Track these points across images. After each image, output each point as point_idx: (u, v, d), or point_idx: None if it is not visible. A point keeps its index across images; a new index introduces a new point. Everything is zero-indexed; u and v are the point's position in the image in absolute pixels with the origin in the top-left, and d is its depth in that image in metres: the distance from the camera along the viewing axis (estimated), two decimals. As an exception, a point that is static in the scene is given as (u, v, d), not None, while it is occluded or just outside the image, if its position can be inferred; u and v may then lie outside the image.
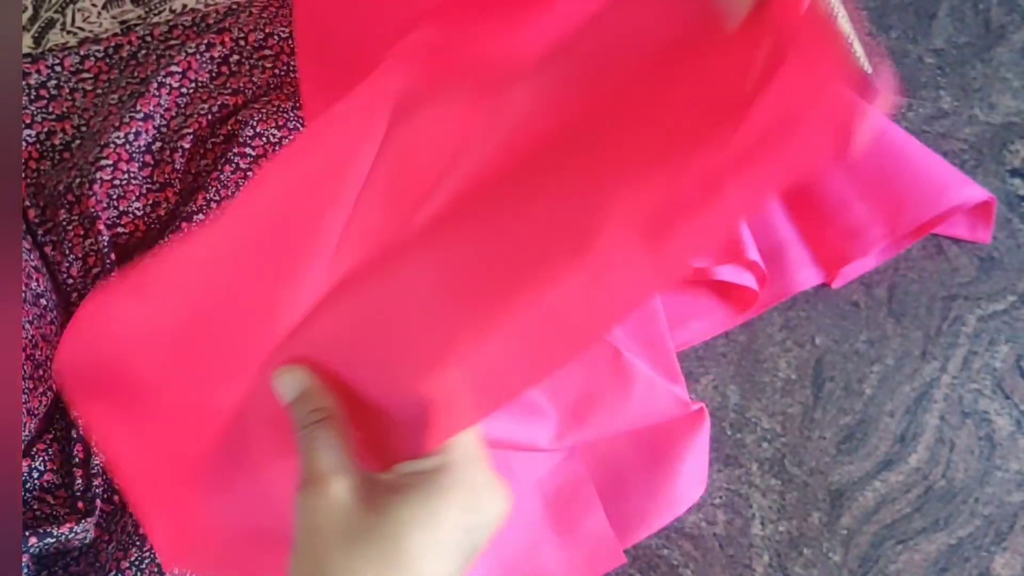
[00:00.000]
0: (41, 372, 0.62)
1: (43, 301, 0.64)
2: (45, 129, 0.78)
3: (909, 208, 0.80)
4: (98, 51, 0.83)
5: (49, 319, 0.65)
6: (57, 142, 0.78)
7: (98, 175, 0.72)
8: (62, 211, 0.72)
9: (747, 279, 0.77)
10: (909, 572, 0.69)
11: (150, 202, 0.74)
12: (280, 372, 0.37)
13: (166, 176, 0.75)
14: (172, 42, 0.83)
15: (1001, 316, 0.80)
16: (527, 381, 0.36)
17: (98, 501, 0.61)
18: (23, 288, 0.62)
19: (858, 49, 0.95)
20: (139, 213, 0.73)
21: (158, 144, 0.76)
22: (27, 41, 0.86)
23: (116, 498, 0.62)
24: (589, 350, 0.71)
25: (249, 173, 0.74)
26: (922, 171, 0.82)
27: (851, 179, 0.83)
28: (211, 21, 0.84)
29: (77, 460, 0.62)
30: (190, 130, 0.76)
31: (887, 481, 0.72)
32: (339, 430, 0.36)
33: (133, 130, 0.75)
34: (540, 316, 0.33)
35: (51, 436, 0.64)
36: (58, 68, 0.82)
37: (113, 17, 0.88)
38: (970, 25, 0.95)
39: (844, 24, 0.96)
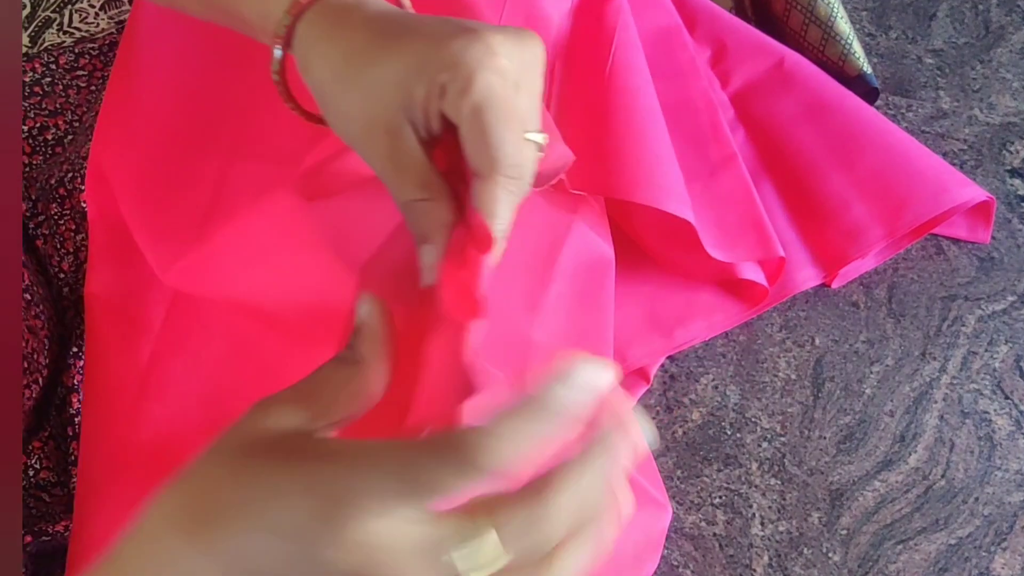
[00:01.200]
0: (28, 365, 0.61)
1: (28, 295, 0.64)
2: (38, 124, 0.78)
3: (909, 208, 0.80)
4: (93, 48, 0.83)
5: (35, 312, 0.64)
6: (50, 137, 0.77)
7: (92, 170, 0.72)
8: (54, 205, 0.71)
9: (759, 276, 0.77)
10: (909, 572, 0.68)
11: (145, 198, 0.73)
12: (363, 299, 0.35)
13: (161, 172, 0.74)
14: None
15: (1001, 316, 0.80)
16: None
17: (75, 502, 0.60)
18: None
19: (857, 49, 0.95)
20: (134, 209, 0.72)
21: (154, 140, 0.75)
22: (23, 40, 0.85)
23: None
24: None
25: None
26: (921, 171, 0.82)
27: (850, 179, 0.82)
28: (208, 17, 0.83)
29: (72, 458, 0.62)
30: (186, 126, 0.75)
31: (887, 481, 0.72)
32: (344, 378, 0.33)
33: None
34: None
35: (46, 433, 0.63)
36: (53, 66, 0.81)
37: (111, 18, 0.87)
38: (969, 25, 0.95)
39: (843, 24, 0.96)
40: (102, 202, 0.64)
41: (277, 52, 0.39)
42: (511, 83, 0.34)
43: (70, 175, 0.72)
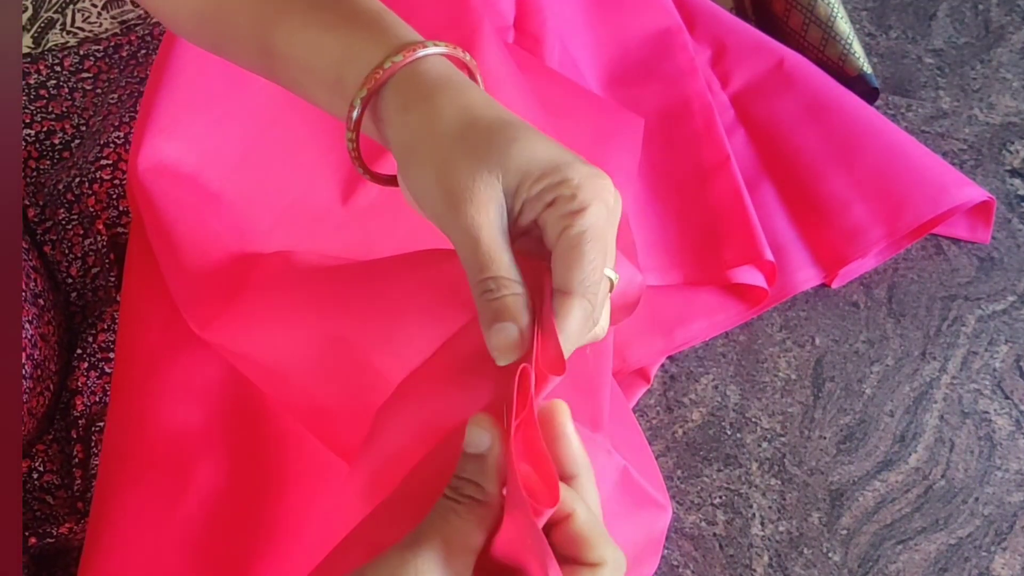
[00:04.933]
0: (40, 372, 0.62)
1: (41, 301, 0.64)
2: (45, 128, 0.78)
3: (909, 208, 0.80)
4: (98, 51, 0.83)
5: (47, 319, 0.64)
6: (57, 141, 0.78)
7: (98, 175, 0.72)
8: (61, 210, 0.72)
9: (759, 279, 0.77)
10: (909, 572, 0.68)
11: (150, 202, 0.73)
12: (478, 421, 0.35)
13: (166, 176, 0.74)
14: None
15: (1001, 316, 0.80)
16: None
17: (92, 503, 0.61)
18: (22, 288, 0.62)
19: (857, 49, 0.95)
20: (139, 213, 0.73)
21: (158, 144, 0.76)
22: (27, 41, 0.86)
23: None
24: None
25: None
26: (922, 171, 0.82)
27: (851, 179, 0.83)
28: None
29: (76, 460, 0.62)
30: (190, 130, 0.76)
31: (887, 481, 0.72)
32: (478, 520, 0.33)
33: (133, 130, 0.75)
34: None
35: (50, 436, 0.64)
36: (58, 68, 0.82)
37: (113, 17, 0.88)
38: (969, 25, 0.95)
39: (843, 24, 0.97)
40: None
41: (356, 111, 0.38)
42: (610, 221, 0.36)
43: (78, 180, 0.72)
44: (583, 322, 0.35)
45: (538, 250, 0.37)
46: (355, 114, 0.39)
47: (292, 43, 0.41)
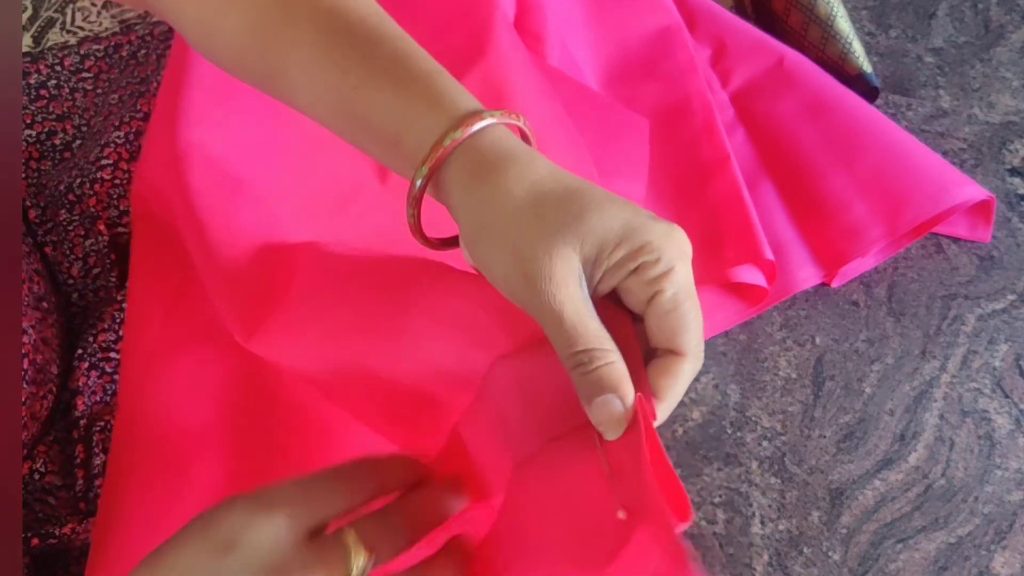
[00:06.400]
0: (42, 376, 0.62)
1: (44, 304, 0.64)
2: (46, 129, 0.78)
3: (909, 207, 0.81)
4: (98, 50, 0.83)
5: (50, 322, 0.65)
6: (58, 142, 0.78)
7: (99, 175, 0.72)
8: (62, 211, 0.72)
9: (759, 278, 0.77)
10: (909, 571, 0.69)
11: (150, 202, 0.73)
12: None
13: (166, 176, 0.74)
14: (172, 41, 0.83)
15: (1001, 315, 0.80)
16: None
17: (99, 502, 0.61)
18: (25, 292, 0.62)
19: (857, 48, 0.95)
20: (140, 213, 0.73)
21: (158, 144, 0.76)
22: (27, 41, 0.86)
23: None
24: None
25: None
26: (921, 170, 0.82)
27: (851, 178, 0.83)
28: (211, 21, 0.83)
29: (78, 461, 0.62)
30: (190, 130, 0.76)
31: (887, 480, 0.72)
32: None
33: (134, 130, 0.75)
34: None
35: (51, 438, 0.64)
36: (58, 68, 0.82)
37: (113, 16, 0.88)
38: (969, 24, 0.95)
39: (843, 23, 0.97)
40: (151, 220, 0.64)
41: (416, 190, 0.38)
42: (692, 275, 0.37)
43: (79, 180, 0.72)
44: (686, 382, 0.37)
45: (617, 309, 0.37)
46: (416, 192, 0.38)
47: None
